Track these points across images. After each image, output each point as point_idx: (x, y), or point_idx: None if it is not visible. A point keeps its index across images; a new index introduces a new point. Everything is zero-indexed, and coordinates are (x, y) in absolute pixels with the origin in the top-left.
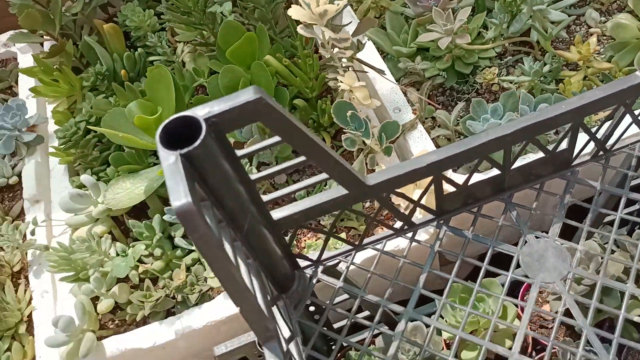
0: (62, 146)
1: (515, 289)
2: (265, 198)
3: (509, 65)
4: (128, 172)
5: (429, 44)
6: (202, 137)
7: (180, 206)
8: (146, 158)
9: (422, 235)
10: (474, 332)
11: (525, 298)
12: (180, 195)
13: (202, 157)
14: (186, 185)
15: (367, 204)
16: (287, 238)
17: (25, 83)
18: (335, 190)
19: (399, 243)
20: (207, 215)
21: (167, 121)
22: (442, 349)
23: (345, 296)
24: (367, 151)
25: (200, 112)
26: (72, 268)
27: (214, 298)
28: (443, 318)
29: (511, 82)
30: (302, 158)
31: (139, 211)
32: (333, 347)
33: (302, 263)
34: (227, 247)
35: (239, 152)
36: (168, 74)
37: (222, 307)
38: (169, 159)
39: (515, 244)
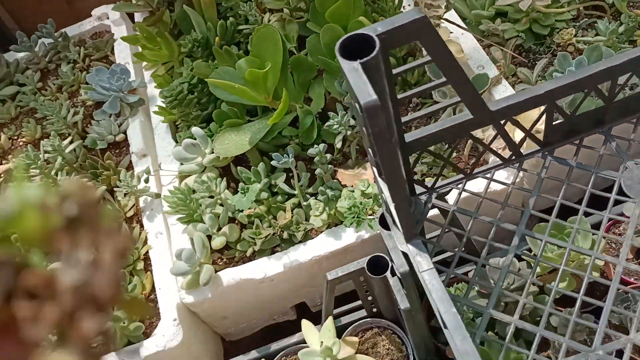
0: (168, 105)
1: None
2: (404, 119)
3: (583, 27)
4: (231, 126)
5: (506, 8)
6: (377, 49)
7: (367, 102)
8: (243, 115)
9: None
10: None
11: (611, 232)
12: (367, 94)
13: (372, 69)
14: (370, 86)
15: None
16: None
17: (121, 52)
18: (461, 116)
19: (506, 174)
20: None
21: (343, 38)
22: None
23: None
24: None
25: (371, 31)
26: (188, 209)
27: (314, 237)
28: (531, 253)
29: (586, 44)
30: (442, 79)
31: (240, 163)
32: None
33: (418, 190)
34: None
35: (395, 70)
36: (276, 31)
37: (325, 243)
38: (353, 66)
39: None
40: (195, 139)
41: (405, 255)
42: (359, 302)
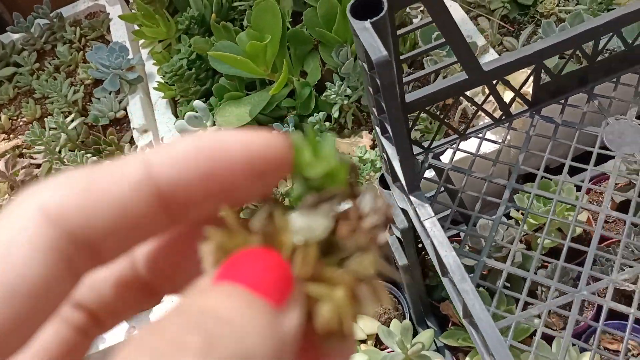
0: (167, 81)
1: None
2: (405, 79)
3: None
4: (231, 99)
5: None
6: (385, 8)
7: (379, 57)
8: (242, 88)
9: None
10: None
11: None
12: (377, 50)
13: (380, 28)
14: (380, 43)
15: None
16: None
17: (117, 31)
18: (457, 76)
19: (497, 134)
20: None
21: (353, 0)
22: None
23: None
24: (446, 71)
25: None
26: None
27: None
28: (519, 211)
29: (567, 13)
30: (442, 40)
31: None
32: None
33: (415, 151)
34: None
35: (399, 31)
36: (274, 4)
37: None
38: (364, 25)
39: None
40: (197, 112)
41: (405, 212)
42: None
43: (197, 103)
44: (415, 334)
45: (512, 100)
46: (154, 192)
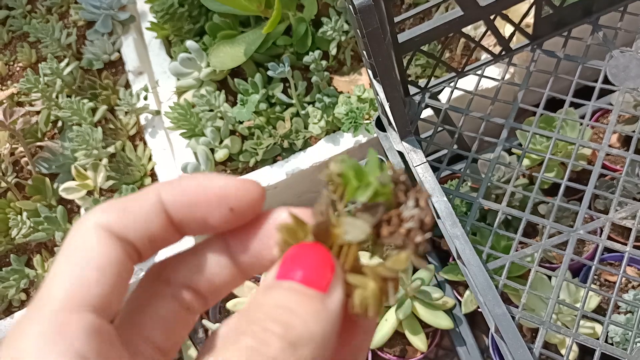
0: (159, 20)
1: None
2: (397, 18)
3: None
4: (225, 38)
5: None
6: None
7: (361, 2)
8: (237, 26)
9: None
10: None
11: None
12: None
13: None
14: None
15: (447, 55)
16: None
17: None
18: (452, 13)
19: (497, 70)
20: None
21: None
22: (524, 175)
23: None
24: (448, 4)
25: None
26: (189, 124)
27: (314, 145)
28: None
29: None
30: None
31: (237, 75)
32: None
33: (412, 91)
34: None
35: None
36: None
37: (324, 150)
38: None
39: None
40: (190, 53)
41: (401, 154)
42: None
43: (190, 44)
44: (416, 270)
45: (512, 35)
46: (164, 211)
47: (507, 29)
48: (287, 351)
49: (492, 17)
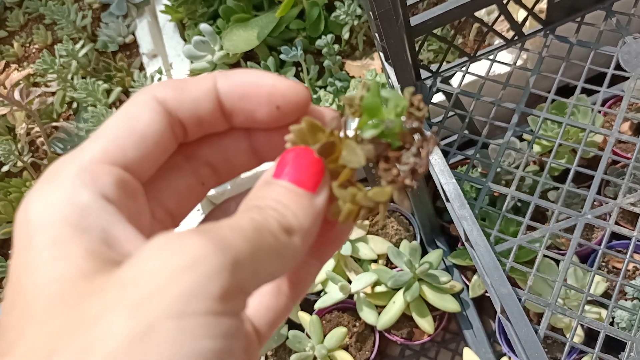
0: (174, 3)
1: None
2: (410, 1)
3: None
4: (238, 22)
5: None
6: None
7: None
8: (250, 10)
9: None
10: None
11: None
12: None
13: None
14: None
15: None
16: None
17: None
18: None
19: (509, 55)
20: None
21: None
22: (535, 162)
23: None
24: None
25: None
26: None
27: None
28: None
29: None
30: None
31: (250, 59)
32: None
33: (423, 75)
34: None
35: None
36: None
37: None
38: None
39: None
40: (204, 36)
41: None
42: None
43: (204, 27)
44: (425, 253)
45: (525, 19)
46: (217, 98)
47: (520, 14)
48: (283, 235)
49: (505, 1)
